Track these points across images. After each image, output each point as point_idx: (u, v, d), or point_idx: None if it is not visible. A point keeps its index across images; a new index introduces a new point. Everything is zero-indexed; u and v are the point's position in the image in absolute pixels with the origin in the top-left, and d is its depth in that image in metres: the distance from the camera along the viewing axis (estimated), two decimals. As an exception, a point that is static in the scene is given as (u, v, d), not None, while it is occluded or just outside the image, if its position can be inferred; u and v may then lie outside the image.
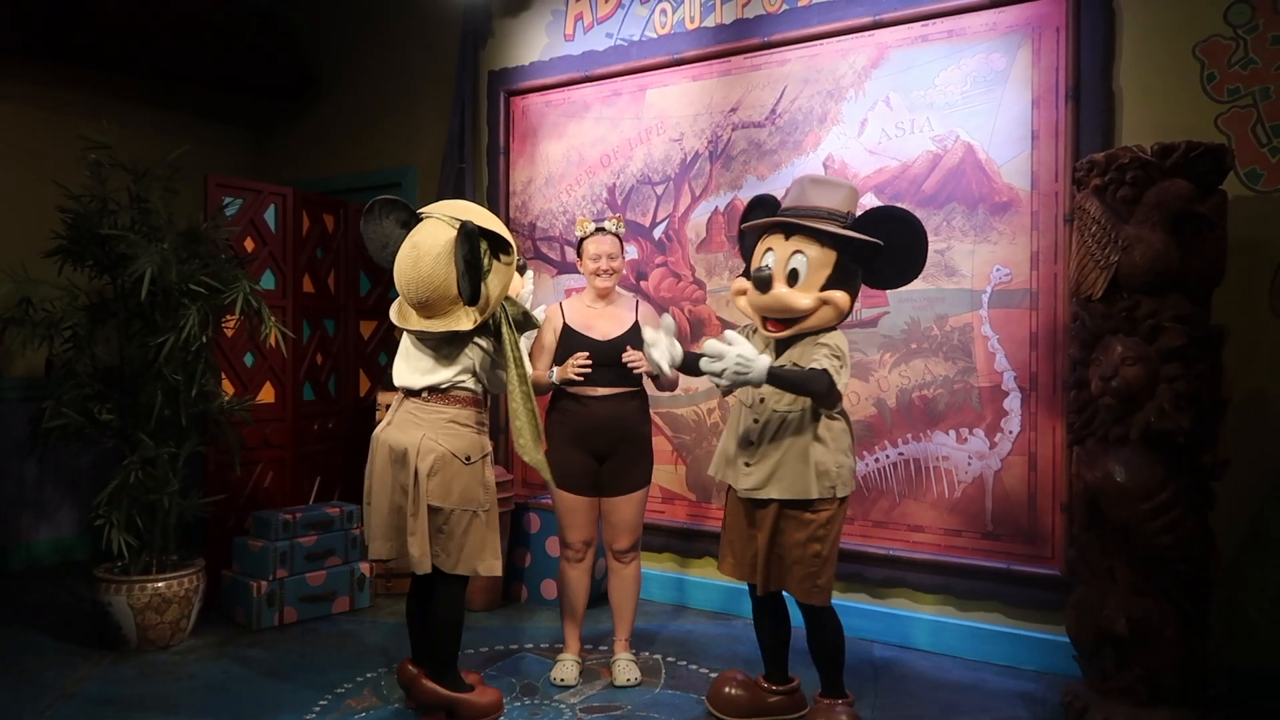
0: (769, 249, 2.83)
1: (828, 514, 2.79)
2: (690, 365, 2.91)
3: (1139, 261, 2.72)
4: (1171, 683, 2.73)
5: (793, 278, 2.76)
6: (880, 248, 2.74)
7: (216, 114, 5.90)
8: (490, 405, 3.20)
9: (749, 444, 2.86)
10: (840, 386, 2.72)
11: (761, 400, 2.85)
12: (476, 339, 2.97)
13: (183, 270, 3.65)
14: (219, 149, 5.87)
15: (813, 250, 2.75)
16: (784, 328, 2.81)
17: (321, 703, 3.14)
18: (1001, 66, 3.57)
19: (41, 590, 4.52)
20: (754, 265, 2.87)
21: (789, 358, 2.81)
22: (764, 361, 2.61)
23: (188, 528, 3.90)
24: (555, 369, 3.29)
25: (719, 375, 2.60)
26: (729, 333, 2.69)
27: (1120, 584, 2.81)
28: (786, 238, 2.79)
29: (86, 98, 5.17)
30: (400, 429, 2.93)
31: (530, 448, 2.94)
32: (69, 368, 3.72)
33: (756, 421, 2.86)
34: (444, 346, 2.96)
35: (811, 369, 2.68)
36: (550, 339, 3.36)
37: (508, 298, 3.00)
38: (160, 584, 3.64)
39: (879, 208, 2.86)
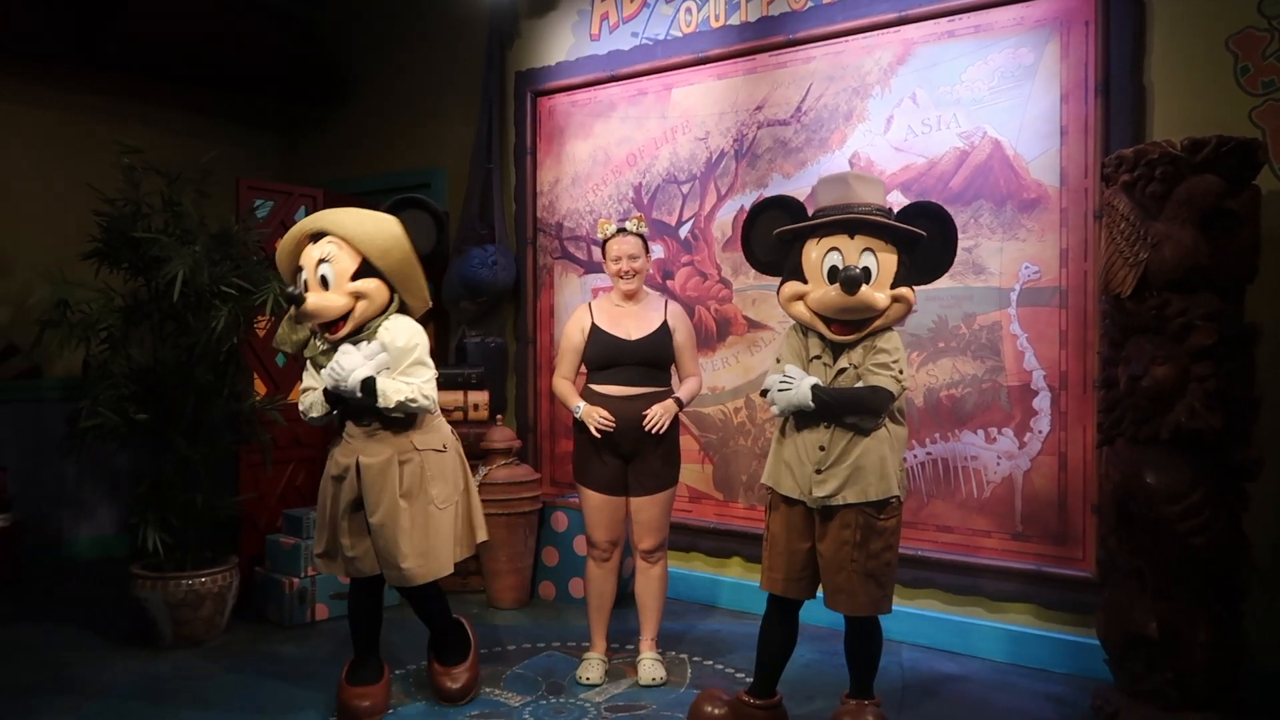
0: (833, 249, 2.68)
1: (895, 520, 2.73)
2: None
3: (1169, 258, 2.68)
4: (1202, 687, 2.69)
5: (866, 276, 2.65)
6: (920, 242, 2.70)
7: (248, 117, 5.98)
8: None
9: (820, 450, 2.73)
10: (884, 381, 2.66)
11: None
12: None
13: (214, 272, 3.71)
14: (250, 152, 5.95)
15: (881, 247, 2.67)
16: (851, 331, 2.69)
17: (350, 699, 3.18)
18: (1029, 61, 3.52)
19: (81, 586, 4.62)
20: (817, 266, 2.70)
21: (848, 358, 2.72)
22: (807, 384, 2.65)
23: (221, 526, 3.96)
24: (582, 405, 3.28)
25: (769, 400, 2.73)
26: (788, 368, 2.75)
27: (1150, 586, 2.77)
28: (851, 236, 2.68)
29: (120, 103, 5.28)
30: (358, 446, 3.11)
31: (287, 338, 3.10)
32: (105, 368, 3.79)
33: (828, 427, 2.73)
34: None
35: (873, 387, 2.64)
36: (579, 339, 3.36)
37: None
38: (194, 581, 3.71)
39: (915, 204, 2.80)
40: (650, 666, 3.35)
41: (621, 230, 3.35)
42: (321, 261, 2.90)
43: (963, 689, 3.32)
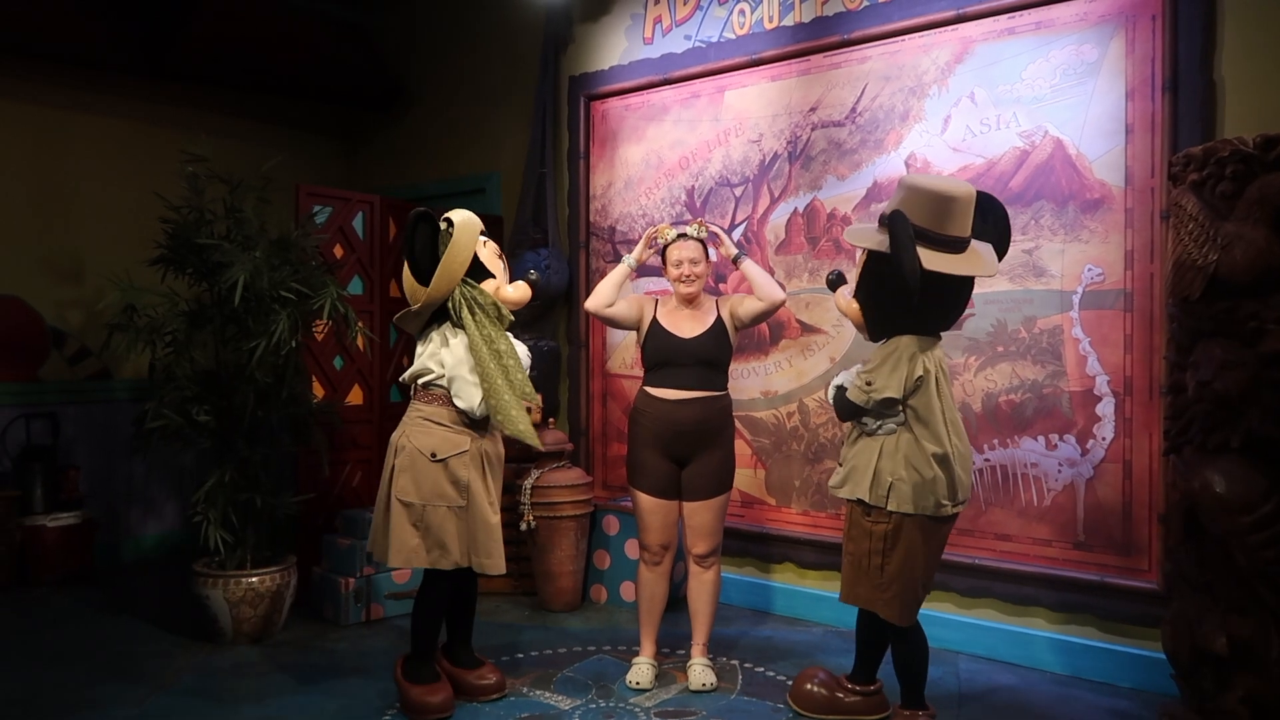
0: None
1: (888, 527, 2.73)
2: None
3: (1239, 260, 2.57)
4: (1276, 706, 2.58)
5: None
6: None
7: (308, 124, 6.10)
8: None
9: (843, 447, 2.95)
10: (862, 402, 2.77)
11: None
12: (438, 328, 3.11)
13: (274, 277, 3.78)
14: (310, 159, 6.07)
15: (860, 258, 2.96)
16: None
17: (403, 699, 3.22)
18: (1093, 58, 3.43)
19: (147, 582, 4.76)
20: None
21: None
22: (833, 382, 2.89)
23: (279, 525, 4.04)
24: (627, 257, 3.45)
25: None
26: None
27: (1220, 600, 2.66)
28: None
29: (184, 112, 5.42)
30: (399, 426, 3.16)
31: (514, 418, 3.02)
32: (169, 371, 3.89)
33: (852, 428, 2.90)
34: (418, 338, 3.18)
35: (839, 388, 2.89)
36: (638, 308, 3.40)
37: (473, 285, 3.08)
38: (254, 579, 3.79)
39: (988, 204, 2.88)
40: (700, 672, 3.33)
41: (682, 235, 3.34)
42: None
43: (1022, 701, 3.23)
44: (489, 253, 3.16)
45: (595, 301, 3.39)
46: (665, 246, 3.36)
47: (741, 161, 4.37)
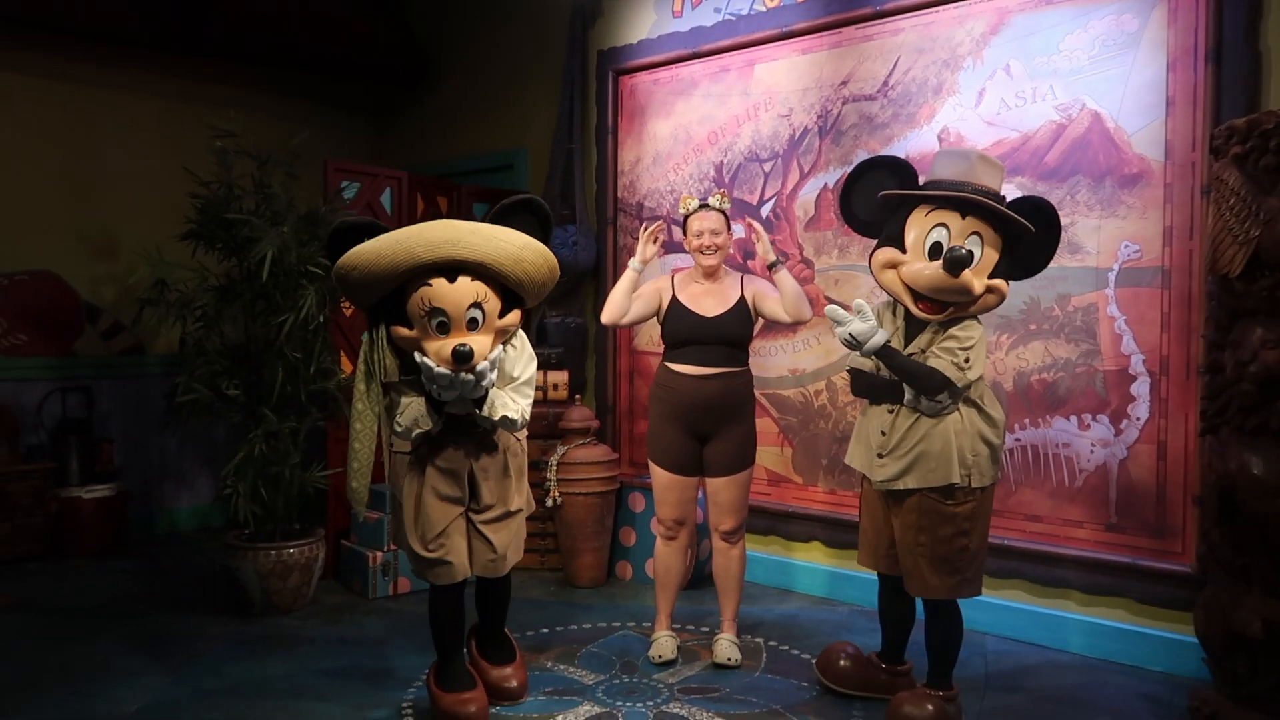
0: (940, 224, 2.64)
1: (972, 504, 2.69)
2: None
3: (1284, 236, 2.50)
4: (1312, 692, 2.53)
5: (969, 259, 2.60)
6: (1040, 238, 2.66)
7: (336, 100, 6.11)
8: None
9: (882, 435, 2.77)
10: (961, 383, 2.65)
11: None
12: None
13: (302, 253, 3.80)
14: (338, 134, 6.08)
15: (989, 234, 2.64)
16: (939, 310, 2.68)
17: (426, 672, 3.24)
18: (1133, 28, 3.33)
19: (180, 554, 4.83)
20: (920, 239, 2.66)
21: (919, 343, 2.74)
22: (879, 338, 2.65)
23: (308, 499, 4.08)
24: (635, 258, 3.36)
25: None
26: (856, 301, 2.72)
27: (1256, 584, 2.61)
28: (963, 216, 2.63)
29: (214, 88, 5.45)
30: None
31: (356, 488, 2.78)
32: (200, 345, 3.93)
33: (891, 411, 2.77)
34: None
35: (929, 368, 2.64)
36: (654, 297, 3.34)
37: (374, 334, 2.73)
38: (283, 552, 3.83)
39: (1027, 197, 2.75)
40: (726, 647, 3.32)
41: (704, 205, 3.30)
42: (474, 306, 2.61)
43: (1050, 683, 3.20)
44: (419, 304, 2.59)
45: (610, 315, 3.34)
46: (686, 217, 3.32)
47: (771, 136, 4.32)
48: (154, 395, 5.03)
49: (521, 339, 2.89)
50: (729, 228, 3.33)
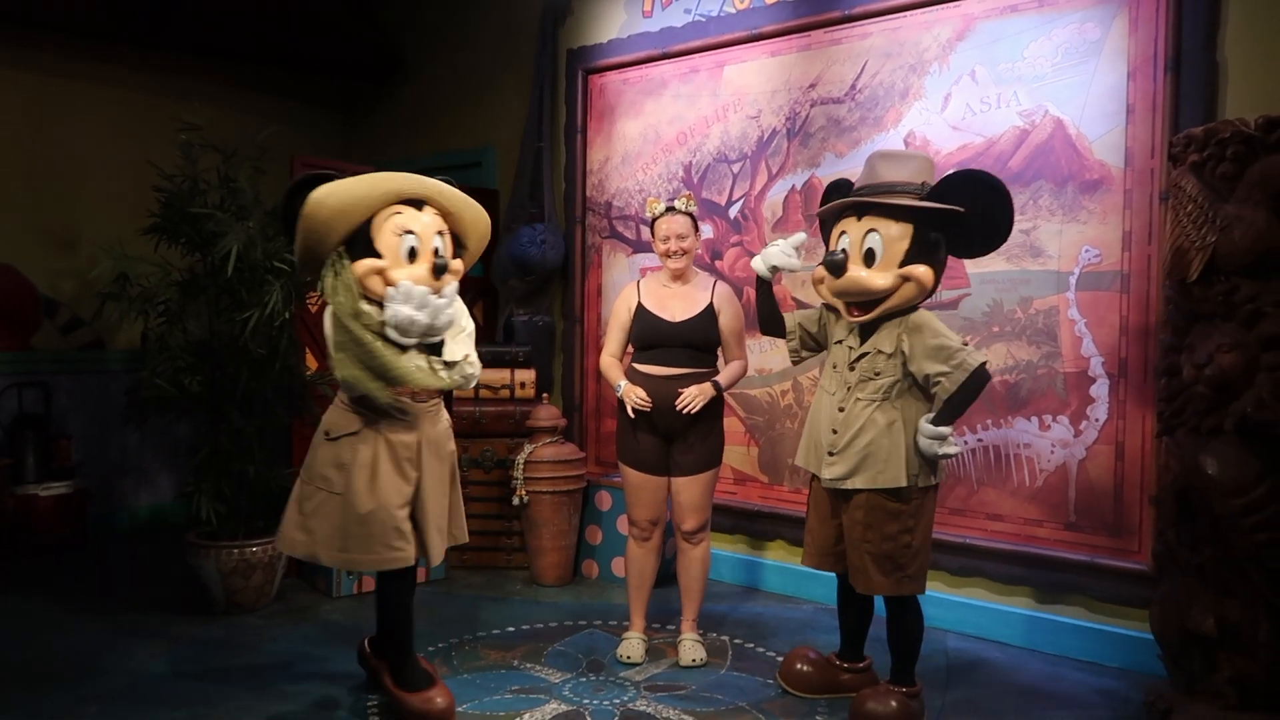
0: (842, 232, 2.81)
1: (917, 502, 2.75)
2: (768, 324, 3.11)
3: (1239, 242, 2.57)
4: (1262, 686, 2.59)
5: (869, 258, 2.73)
6: (960, 214, 2.67)
7: (304, 96, 6.05)
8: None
9: (833, 433, 2.83)
10: (976, 361, 2.69)
11: (847, 388, 2.82)
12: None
13: (267, 248, 3.76)
14: (306, 130, 6.03)
15: (887, 227, 2.71)
16: (865, 310, 2.78)
17: (394, 670, 3.23)
18: (1095, 37, 3.40)
19: (141, 552, 4.76)
20: (829, 250, 2.84)
21: (874, 343, 2.79)
22: (941, 430, 2.70)
23: (273, 497, 4.03)
24: (624, 384, 3.27)
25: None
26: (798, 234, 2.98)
27: (1210, 583, 2.67)
28: (859, 218, 2.76)
29: (180, 81, 5.37)
30: None
31: (359, 377, 2.67)
32: (163, 341, 3.88)
33: (841, 410, 2.82)
34: None
35: (965, 387, 2.67)
36: (625, 317, 3.36)
37: (341, 256, 2.71)
38: (246, 550, 3.79)
39: (957, 172, 2.77)
40: (691, 647, 3.34)
41: (670, 209, 3.32)
42: (440, 234, 2.79)
43: (1010, 679, 3.25)
44: (393, 228, 2.70)
45: (606, 367, 3.41)
46: (653, 220, 3.34)
47: (740, 138, 4.34)
48: (114, 391, 4.94)
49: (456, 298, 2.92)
50: (696, 230, 3.34)
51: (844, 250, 2.75)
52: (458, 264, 2.85)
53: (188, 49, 5.18)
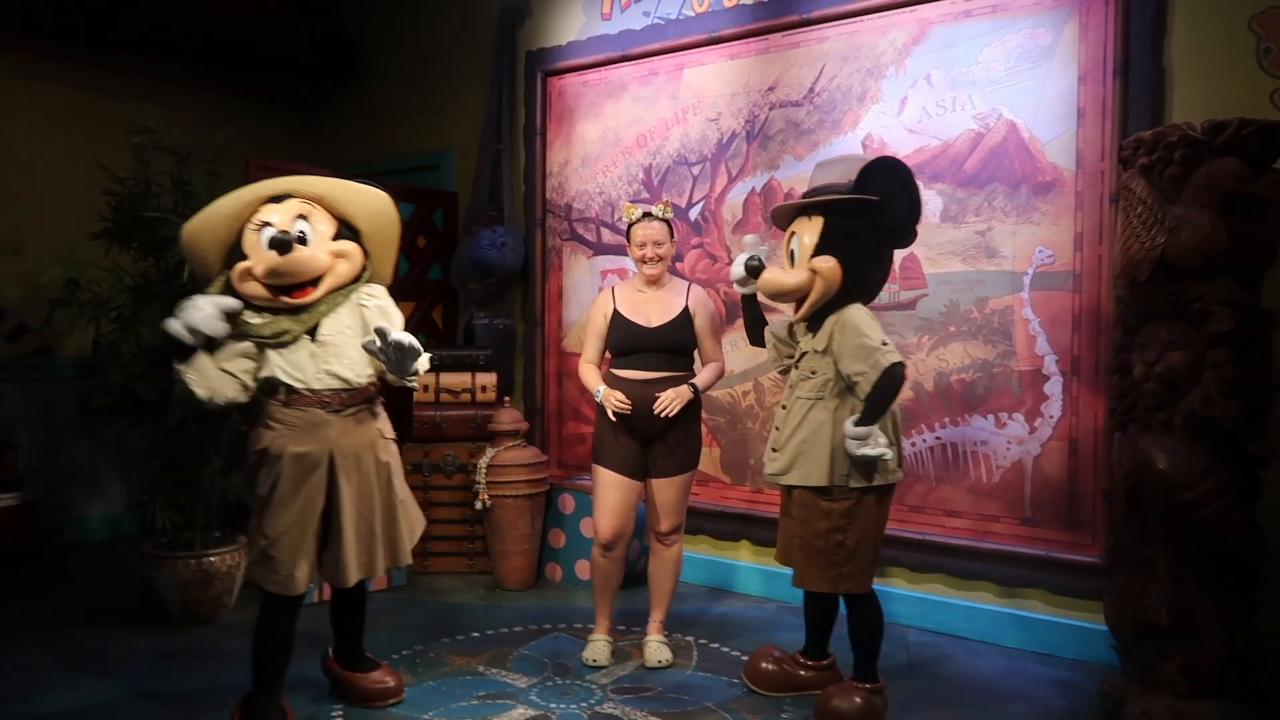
0: (789, 237, 2.97)
1: (849, 503, 2.78)
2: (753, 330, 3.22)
3: (1186, 243, 2.64)
4: (1213, 675, 2.67)
5: (792, 259, 2.91)
6: (867, 202, 2.76)
7: (260, 96, 5.96)
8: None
9: (776, 429, 2.93)
10: (890, 360, 2.72)
11: (791, 387, 2.91)
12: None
13: (223, 252, 3.69)
14: (262, 132, 5.93)
15: (804, 226, 2.85)
16: (797, 308, 2.92)
17: (358, 678, 3.19)
18: (1047, 42, 3.47)
19: (93, 563, 4.66)
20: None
21: (813, 342, 2.87)
22: (860, 430, 2.71)
23: (230, 506, 3.97)
24: (602, 389, 3.27)
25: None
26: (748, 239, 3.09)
27: (1161, 574, 2.74)
28: (785, 229, 2.97)
29: (131, 81, 5.26)
30: None
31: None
32: (115, 348, 3.80)
33: (785, 408, 2.92)
34: None
35: (883, 372, 2.71)
36: (602, 324, 3.36)
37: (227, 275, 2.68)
38: (203, 560, 3.72)
39: (868, 163, 2.82)
40: (656, 649, 3.35)
41: (647, 215, 3.33)
42: (300, 217, 2.68)
43: (970, 672, 3.31)
44: (252, 227, 2.67)
45: (584, 373, 3.40)
46: (630, 226, 3.35)
47: (699, 140, 4.37)
48: (63, 399, 4.82)
49: (384, 294, 2.85)
50: (672, 237, 3.36)
51: (756, 256, 2.97)
52: (341, 245, 2.71)
53: (137, 48, 5.07)
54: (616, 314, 3.33)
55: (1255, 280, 2.71)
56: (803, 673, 3.09)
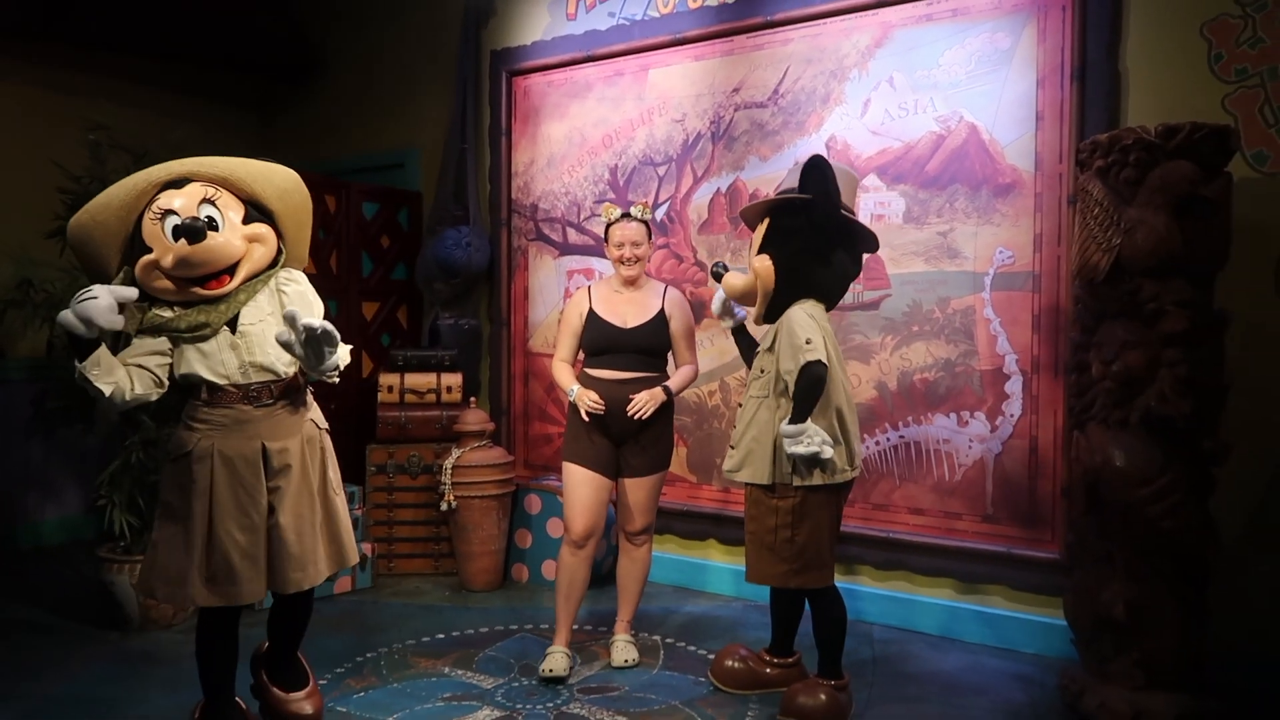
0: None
1: (792, 501, 2.80)
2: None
3: (1141, 244, 2.70)
4: (1169, 667, 2.73)
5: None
6: (807, 200, 2.79)
7: (220, 95, 5.88)
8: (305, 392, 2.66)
9: (734, 428, 2.98)
10: (806, 359, 2.70)
11: (747, 386, 2.97)
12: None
13: (182, 251, 3.63)
14: (222, 130, 5.84)
15: (759, 229, 2.93)
16: (753, 307, 2.98)
17: (322, 681, 3.15)
18: (1006, 46, 3.52)
19: (48, 569, 4.56)
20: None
21: (767, 339, 2.94)
22: (790, 429, 2.73)
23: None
24: (575, 388, 3.26)
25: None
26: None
27: (1119, 569, 2.80)
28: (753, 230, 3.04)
29: (87, 78, 5.16)
30: None
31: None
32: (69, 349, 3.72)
33: (741, 406, 2.98)
34: None
35: (800, 384, 2.73)
36: (577, 323, 3.36)
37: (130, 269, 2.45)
38: (163, 564, 3.65)
39: (805, 163, 2.82)
40: (623, 648, 3.35)
41: (626, 215, 3.33)
42: (206, 202, 2.43)
43: (933, 668, 3.35)
44: (150, 216, 2.42)
45: (557, 372, 3.39)
46: (609, 226, 3.34)
47: (665, 141, 4.38)
48: (15, 401, 4.73)
49: (303, 279, 2.64)
50: (650, 238, 3.37)
51: (722, 263, 3.11)
52: (253, 229, 2.50)
53: (94, 44, 4.98)
54: (592, 313, 3.33)
55: (1208, 281, 2.77)
56: (768, 670, 3.11)
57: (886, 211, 3.78)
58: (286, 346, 2.31)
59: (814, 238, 2.82)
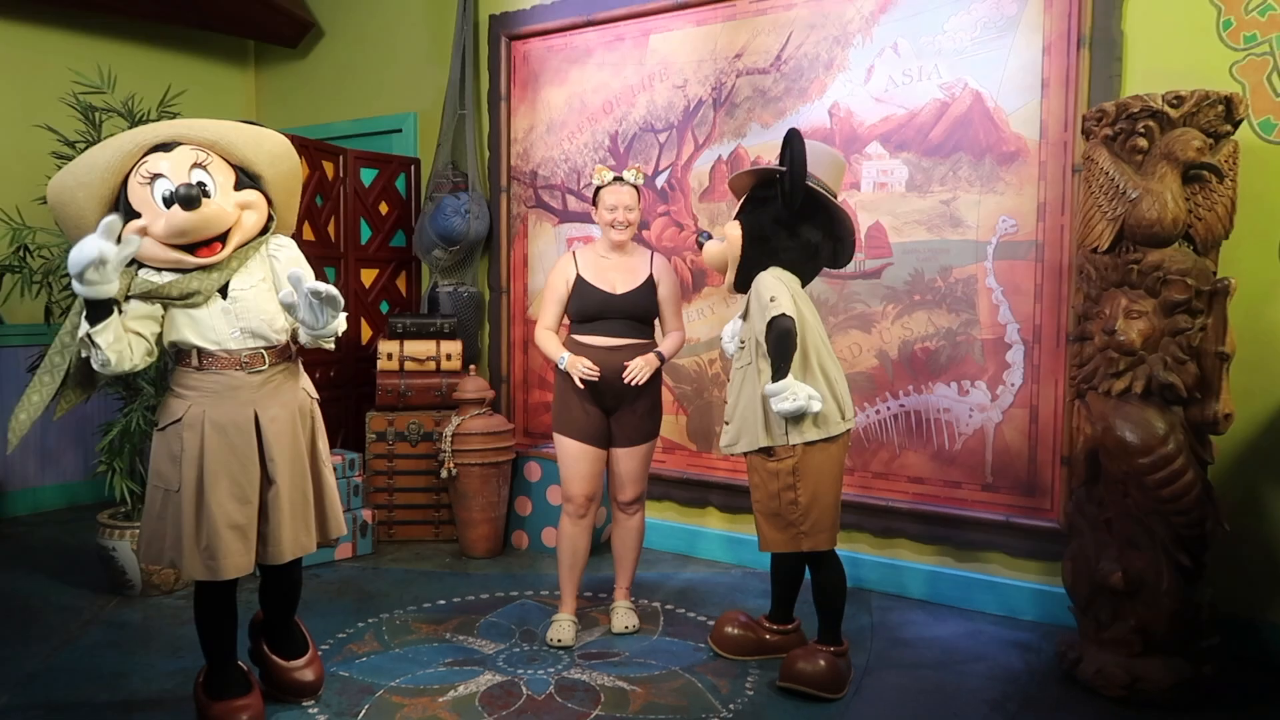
0: None
1: (791, 460, 2.81)
2: None
3: (1146, 213, 2.68)
4: (1165, 634, 2.75)
5: None
6: (778, 171, 2.81)
7: (214, 57, 5.81)
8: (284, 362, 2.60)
9: (725, 403, 3.00)
10: (771, 314, 2.72)
11: (734, 359, 3.00)
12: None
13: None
14: (218, 94, 5.79)
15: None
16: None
17: (324, 647, 3.18)
18: (1012, 12, 3.48)
19: (48, 535, 4.57)
20: None
21: (742, 307, 2.97)
22: (774, 386, 2.74)
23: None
24: (567, 356, 3.22)
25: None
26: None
27: (1117, 538, 2.82)
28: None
29: (81, 41, 5.09)
30: None
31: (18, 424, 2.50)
32: (68, 314, 3.70)
33: (730, 380, 2.99)
34: None
35: (771, 340, 2.75)
36: (563, 289, 3.32)
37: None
38: (164, 530, 3.66)
39: (786, 135, 2.82)
40: (624, 615, 3.37)
41: (618, 179, 3.29)
42: (196, 167, 2.41)
43: (932, 634, 3.37)
44: (138, 180, 2.39)
45: (544, 340, 3.34)
46: (599, 189, 3.30)
47: (666, 107, 4.33)
48: (13, 368, 4.72)
49: (293, 245, 2.63)
50: (639, 202, 3.34)
51: (707, 233, 3.12)
52: (244, 196, 2.48)
53: (88, 5, 4.91)
54: (580, 279, 3.29)
55: (1212, 249, 2.76)
56: (768, 636, 3.13)
57: (889, 179, 3.75)
58: (289, 309, 2.32)
59: (783, 210, 2.84)
